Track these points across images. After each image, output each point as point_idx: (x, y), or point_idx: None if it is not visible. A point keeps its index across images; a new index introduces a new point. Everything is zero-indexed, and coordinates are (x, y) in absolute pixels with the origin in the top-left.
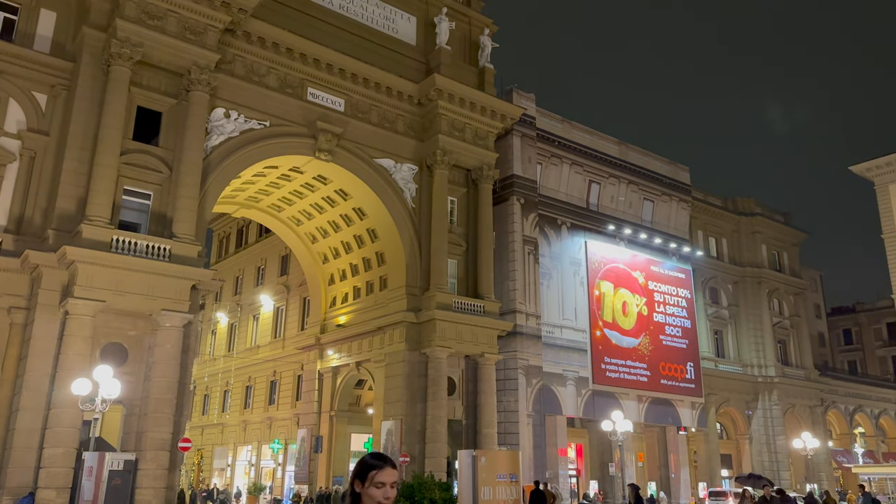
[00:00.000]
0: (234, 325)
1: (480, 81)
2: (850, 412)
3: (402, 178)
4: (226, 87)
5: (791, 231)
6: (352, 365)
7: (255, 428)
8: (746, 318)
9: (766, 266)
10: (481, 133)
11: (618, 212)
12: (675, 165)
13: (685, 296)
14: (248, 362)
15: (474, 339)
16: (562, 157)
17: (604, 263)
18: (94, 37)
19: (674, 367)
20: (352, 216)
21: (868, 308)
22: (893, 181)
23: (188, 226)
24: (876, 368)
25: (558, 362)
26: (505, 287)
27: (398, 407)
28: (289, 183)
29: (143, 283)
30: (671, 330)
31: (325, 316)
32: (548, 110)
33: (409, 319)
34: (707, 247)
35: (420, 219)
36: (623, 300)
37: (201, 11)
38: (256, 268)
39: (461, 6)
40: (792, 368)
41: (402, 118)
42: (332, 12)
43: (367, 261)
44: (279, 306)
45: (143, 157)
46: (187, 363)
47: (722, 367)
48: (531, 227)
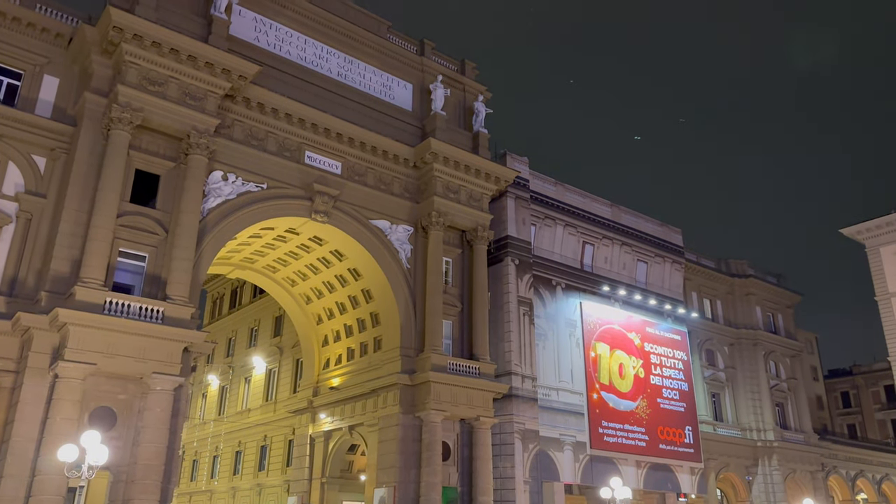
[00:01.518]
0: (225, 387)
1: (475, 145)
2: (852, 477)
3: (398, 238)
4: (224, 150)
5: (785, 293)
6: (344, 429)
7: (244, 495)
8: (743, 380)
9: (761, 328)
10: (476, 195)
11: (612, 273)
12: (667, 227)
13: (682, 358)
14: (239, 426)
15: (469, 402)
16: (555, 219)
17: (599, 324)
18: (95, 102)
19: (672, 430)
20: (347, 277)
21: (865, 371)
22: (884, 244)
23: (182, 287)
24: (876, 432)
25: (555, 426)
26: (500, 348)
27: (391, 473)
28: (284, 244)
29: (135, 346)
30: (669, 393)
31: (318, 378)
32: (541, 173)
33: (403, 381)
34: (702, 308)
35: (415, 279)
36: (619, 362)
37: (202, 78)
38: (250, 329)
39: (456, 74)
40: (791, 432)
41: (397, 180)
42: (330, 79)
43: (361, 322)
44: (272, 368)
45: (140, 220)
46: (177, 428)
47: (720, 431)
48: (526, 287)
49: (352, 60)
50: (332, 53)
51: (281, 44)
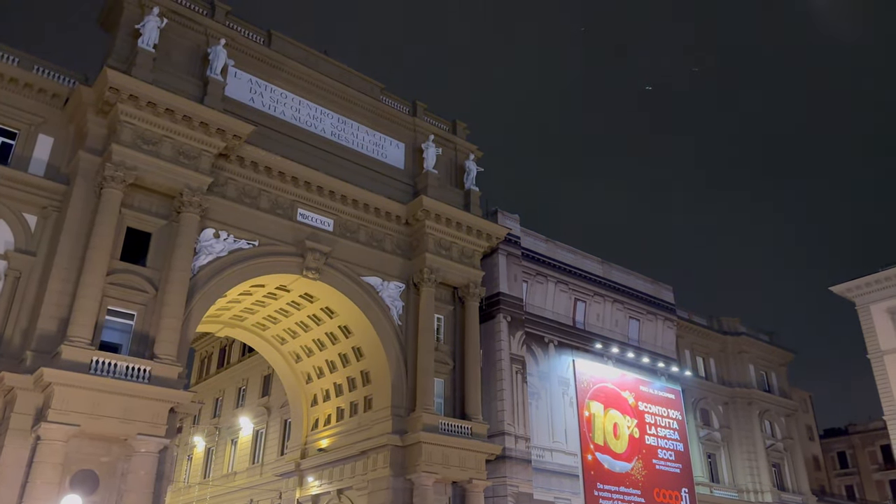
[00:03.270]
0: (211, 449)
1: (466, 202)
2: None
3: (389, 295)
4: (217, 208)
5: (777, 350)
6: (333, 493)
7: None
8: (739, 440)
9: (755, 386)
10: (467, 252)
11: (604, 330)
12: (658, 284)
13: (676, 417)
14: (224, 490)
15: (461, 464)
16: (547, 276)
17: (593, 383)
18: (89, 160)
19: (668, 493)
20: (337, 334)
21: (861, 430)
22: (874, 301)
23: (170, 346)
24: (874, 493)
25: (549, 489)
26: (493, 407)
27: None
28: (275, 301)
29: (120, 406)
30: (664, 454)
31: (306, 439)
32: (532, 230)
33: (394, 442)
34: (695, 366)
35: (406, 336)
36: (614, 421)
37: (197, 137)
38: (237, 388)
39: (447, 133)
40: (789, 494)
41: (389, 237)
42: (323, 139)
43: (351, 380)
44: (259, 429)
45: (130, 277)
46: (161, 491)
47: (717, 493)
48: (518, 344)
49: (345, 120)
50: (326, 114)
51: (275, 104)
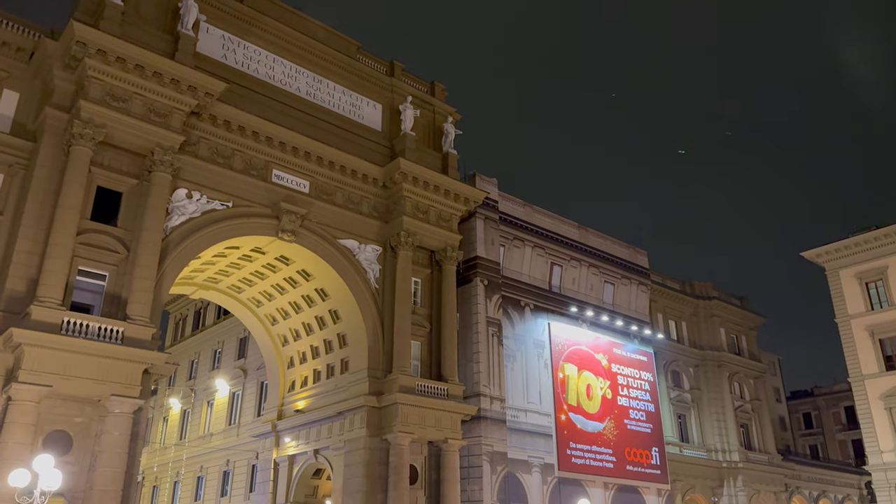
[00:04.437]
0: (187, 411)
1: (444, 166)
2: (815, 498)
3: (366, 258)
4: (189, 168)
5: (748, 315)
6: (309, 453)
7: None
8: (709, 401)
9: (725, 349)
10: (445, 215)
11: (580, 294)
12: (634, 249)
13: (648, 379)
14: (201, 451)
15: (437, 424)
16: (524, 240)
17: (567, 345)
18: (56, 117)
19: (639, 452)
20: (314, 297)
21: (826, 392)
22: (844, 267)
23: (143, 307)
24: (837, 453)
25: (524, 448)
26: (469, 369)
27: (358, 498)
28: (250, 263)
29: (92, 367)
30: (635, 414)
31: (282, 401)
32: (510, 194)
33: (370, 403)
34: (668, 330)
35: (383, 300)
36: (587, 383)
37: (168, 94)
38: (213, 351)
39: (425, 95)
40: (755, 453)
41: (366, 200)
42: (298, 98)
43: (328, 343)
44: (235, 391)
45: (101, 238)
46: (136, 452)
47: (686, 452)
48: (495, 308)
49: (321, 80)
50: (301, 72)
51: (249, 62)
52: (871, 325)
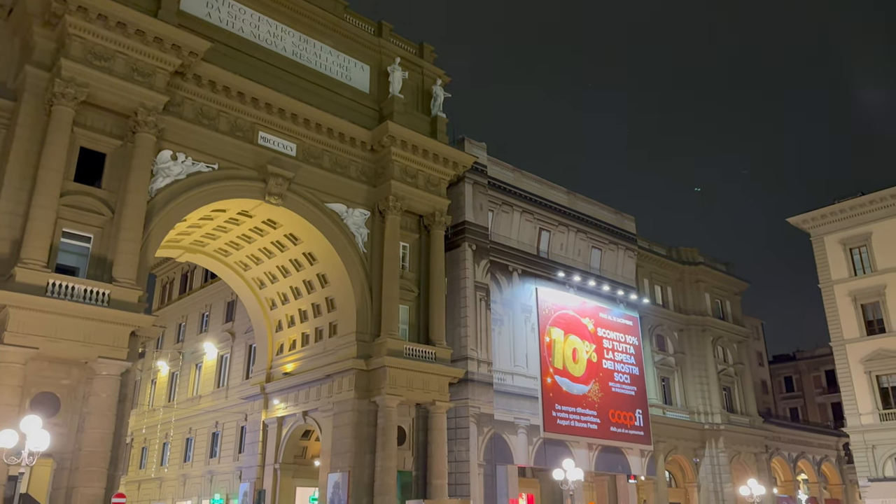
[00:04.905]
0: (175, 374)
1: (433, 129)
2: (794, 459)
3: (354, 222)
4: (174, 129)
5: (733, 280)
6: (298, 415)
7: (195, 482)
8: (692, 365)
9: (709, 314)
10: (433, 180)
11: (567, 259)
12: (621, 215)
13: (633, 343)
14: (189, 413)
15: (425, 387)
16: (513, 205)
17: (554, 310)
18: (37, 76)
19: (623, 414)
20: (301, 261)
21: (808, 356)
22: (829, 233)
23: (129, 270)
24: (817, 415)
25: (510, 410)
26: (457, 333)
27: (346, 458)
28: (237, 227)
29: (79, 329)
30: (620, 377)
31: (271, 364)
32: (499, 159)
33: (359, 366)
34: (653, 294)
35: (372, 264)
36: (573, 347)
37: (150, 53)
38: (200, 314)
39: (414, 57)
40: (737, 416)
41: (354, 163)
42: (284, 58)
43: (316, 306)
44: (223, 354)
45: (85, 199)
46: (124, 414)
47: (669, 415)
48: (483, 273)
49: (307, 39)
50: (287, 32)
51: (233, 20)
52: (853, 291)
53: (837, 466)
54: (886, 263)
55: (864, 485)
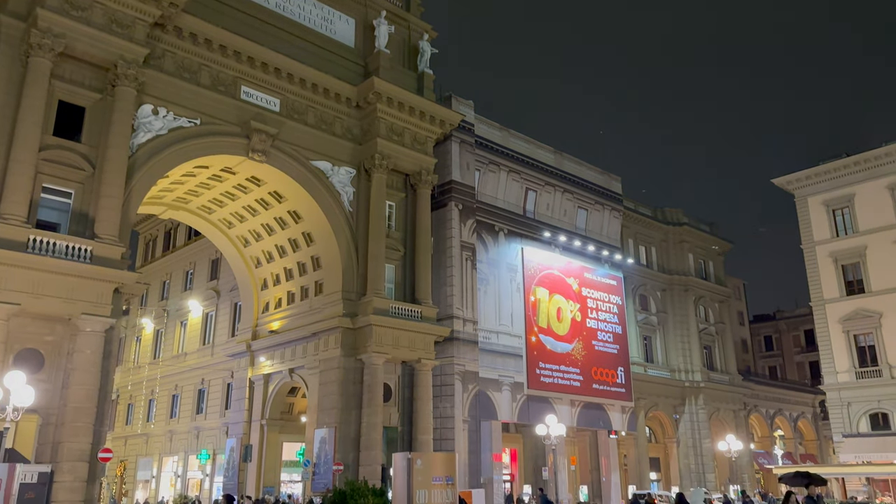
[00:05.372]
0: (160, 331)
1: (419, 86)
2: (771, 416)
3: (340, 181)
4: (154, 82)
5: (716, 240)
6: (284, 372)
7: (181, 438)
8: (674, 324)
9: (692, 274)
10: (420, 138)
11: (553, 219)
12: (608, 175)
13: (616, 302)
14: (175, 370)
15: (411, 345)
16: (500, 165)
17: (539, 270)
18: (12, 26)
19: (605, 371)
20: (286, 219)
21: (788, 316)
22: (812, 194)
23: (111, 226)
24: (794, 374)
25: (494, 368)
26: (442, 293)
27: (332, 414)
28: (220, 184)
29: (61, 286)
30: (603, 335)
31: (256, 322)
32: (486, 117)
33: (345, 325)
34: (637, 255)
35: (357, 223)
36: (558, 306)
37: (129, 4)
38: (185, 272)
39: (400, 10)
40: (717, 373)
41: (339, 120)
42: (267, 10)
43: (301, 265)
44: (208, 312)
45: (64, 154)
46: (109, 370)
47: (651, 372)
48: (469, 233)
49: None
50: None
51: None
52: (834, 252)
53: (813, 423)
54: (868, 224)
55: (838, 440)
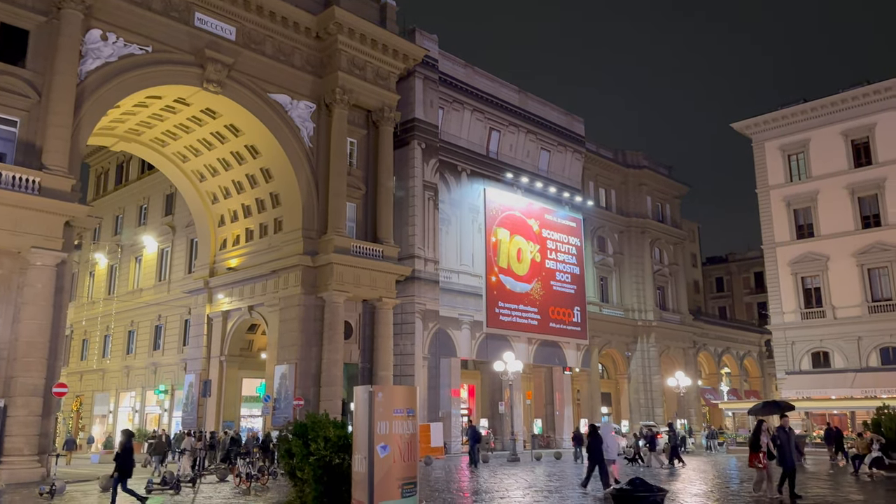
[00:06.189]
0: (114, 267)
1: (382, 18)
2: (719, 354)
3: (299, 115)
4: (103, 6)
5: (674, 184)
6: (244, 309)
7: (138, 374)
8: (630, 265)
9: (650, 217)
10: (383, 73)
11: (516, 160)
12: (571, 117)
13: (575, 244)
14: (131, 306)
15: (372, 284)
16: (463, 103)
17: (501, 211)
18: None
19: (562, 311)
20: (244, 154)
21: (739, 258)
22: (769, 139)
23: (60, 157)
24: (743, 314)
25: (454, 306)
26: (404, 232)
27: (293, 351)
28: (174, 115)
29: (8, 218)
30: (561, 276)
31: (214, 259)
32: (451, 53)
33: (305, 263)
34: (597, 197)
35: (318, 159)
36: (518, 247)
37: None
38: (138, 206)
39: None
40: (669, 313)
41: (299, 52)
42: None
43: (260, 202)
44: (164, 248)
45: (7, 80)
46: (61, 305)
47: (606, 312)
48: (432, 172)
49: None
50: None
51: None
52: (787, 196)
53: (758, 361)
54: (821, 170)
55: (781, 377)
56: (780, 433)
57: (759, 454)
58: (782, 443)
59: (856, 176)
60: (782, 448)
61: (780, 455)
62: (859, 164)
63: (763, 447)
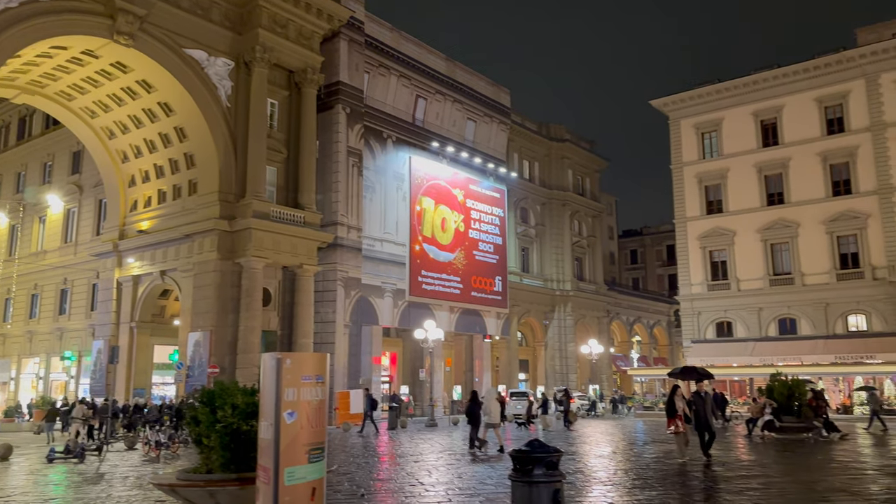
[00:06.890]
0: (15, 227)
1: None
2: (631, 323)
3: (217, 73)
4: None
5: (595, 158)
6: (155, 274)
7: (42, 339)
8: (550, 236)
9: (570, 190)
10: (306, 32)
11: (442, 129)
12: (498, 87)
13: (499, 214)
14: (34, 269)
15: (293, 250)
16: (390, 68)
17: (426, 180)
18: None
19: (484, 280)
20: (157, 111)
21: (653, 232)
22: (685, 117)
23: None
24: (655, 285)
25: (377, 275)
26: (327, 198)
27: (208, 318)
28: (81, 68)
29: None
30: (484, 246)
31: (124, 221)
32: (377, 16)
33: (221, 227)
34: (521, 169)
35: (236, 120)
36: (442, 216)
37: None
38: (43, 164)
39: None
40: (585, 283)
41: (217, 6)
42: None
43: (174, 162)
44: (70, 208)
45: None
46: None
47: (526, 281)
48: (356, 138)
49: None
50: None
51: None
52: (700, 173)
53: (667, 330)
54: (732, 148)
55: (687, 345)
56: (695, 398)
57: (674, 419)
58: (698, 407)
59: (763, 155)
60: (698, 413)
61: (695, 419)
62: (767, 144)
63: (679, 412)
